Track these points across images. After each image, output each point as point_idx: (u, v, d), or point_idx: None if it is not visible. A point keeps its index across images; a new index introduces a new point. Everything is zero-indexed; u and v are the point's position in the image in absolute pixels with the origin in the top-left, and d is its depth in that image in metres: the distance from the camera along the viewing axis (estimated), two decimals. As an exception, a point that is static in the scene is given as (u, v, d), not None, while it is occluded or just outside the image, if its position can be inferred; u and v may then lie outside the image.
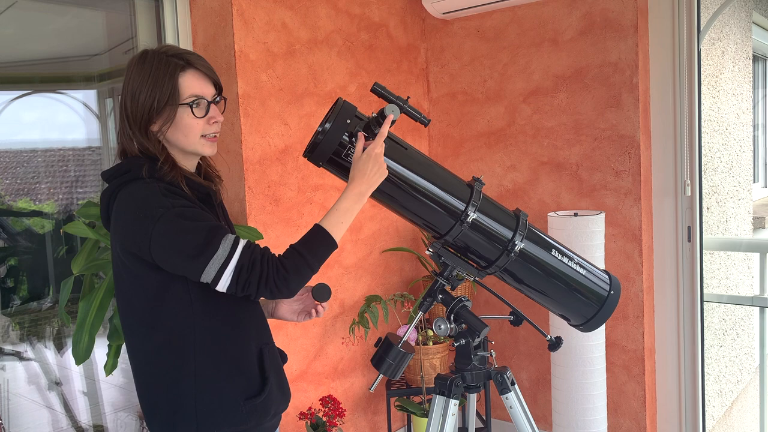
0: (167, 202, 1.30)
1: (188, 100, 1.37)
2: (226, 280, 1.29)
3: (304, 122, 2.76)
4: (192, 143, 1.40)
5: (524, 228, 1.55)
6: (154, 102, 1.35)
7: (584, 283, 1.61)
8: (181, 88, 1.36)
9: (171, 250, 1.29)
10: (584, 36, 2.82)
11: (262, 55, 2.59)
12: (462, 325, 1.55)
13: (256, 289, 1.30)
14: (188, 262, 1.29)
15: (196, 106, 1.37)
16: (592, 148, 2.84)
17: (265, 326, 1.50)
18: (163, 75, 1.35)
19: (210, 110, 1.40)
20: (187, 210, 1.32)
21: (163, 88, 1.35)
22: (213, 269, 1.29)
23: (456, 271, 1.57)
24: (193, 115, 1.37)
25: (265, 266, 1.30)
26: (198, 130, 1.39)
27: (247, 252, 1.31)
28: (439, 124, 3.34)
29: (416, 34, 3.29)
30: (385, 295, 3.09)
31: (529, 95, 3.01)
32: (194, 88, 1.37)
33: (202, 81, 1.39)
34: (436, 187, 1.48)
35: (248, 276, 1.29)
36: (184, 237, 1.29)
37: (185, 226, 1.29)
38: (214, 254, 1.28)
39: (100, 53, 3.55)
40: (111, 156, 3.85)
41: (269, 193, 2.64)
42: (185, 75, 1.37)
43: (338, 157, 1.42)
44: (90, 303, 2.01)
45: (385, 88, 1.42)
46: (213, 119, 1.40)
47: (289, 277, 1.31)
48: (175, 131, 1.38)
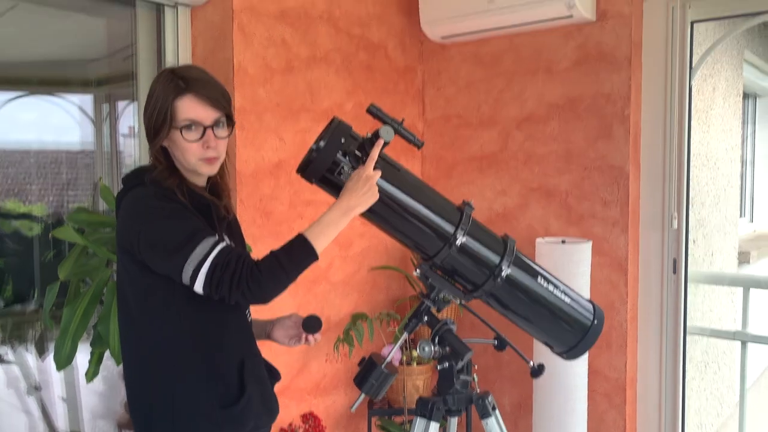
0: (157, 204, 1.37)
1: (182, 123, 1.40)
2: (201, 279, 1.32)
3: (299, 138, 2.77)
4: (189, 163, 1.44)
5: (512, 254, 1.56)
6: (152, 120, 1.43)
7: (568, 312, 1.62)
8: (177, 111, 1.40)
9: (155, 247, 1.36)
10: (579, 67, 2.86)
11: (261, 70, 2.61)
12: (446, 348, 1.55)
13: (229, 290, 1.31)
14: (169, 260, 1.34)
15: (187, 130, 1.40)
16: (582, 177, 2.87)
17: (250, 338, 1.52)
18: (164, 96, 1.41)
19: (205, 135, 1.42)
20: (175, 212, 1.37)
21: (162, 110, 1.41)
22: (190, 267, 1.32)
23: (443, 293, 1.58)
24: (183, 138, 1.41)
25: (239, 267, 1.32)
26: (194, 152, 1.42)
27: (223, 253, 1.34)
28: (433, 145, 3.36)
29: (414, 56, 3.33)
30: (371, 313, 3.09)
31: (522, 122, 3.03)
32: (189, 112, 1.40)
33: (198, 106, 1.41)
34: (426, 209, 1.49)
35: (221, 275, 1.31)
36: (167, 235, 1.35)
37: (170, 225, 1.35)
38: (192, 252, 1.32)
39: (98, 58, 3.56)
40: (104, 160, 3.84)
41: (261, 206, 2.64)
42: (182, 99, 1.40)
43: (331, 175, 1.43)
44: (75, 309, 2.00)
45: (380, 109, 1.43)
46: (206, 144, 1.42)
47: (263, 279, 1.32)
48: (176, 149, 1.45)
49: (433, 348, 1.55)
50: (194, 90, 1.41)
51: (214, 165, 1.46)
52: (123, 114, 3.73)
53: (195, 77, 1.44)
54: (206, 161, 1.44)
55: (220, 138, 1.45)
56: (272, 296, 1.35)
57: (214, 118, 1.43)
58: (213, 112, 1.43)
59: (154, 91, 1.43)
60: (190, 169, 1.46)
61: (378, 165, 1.42)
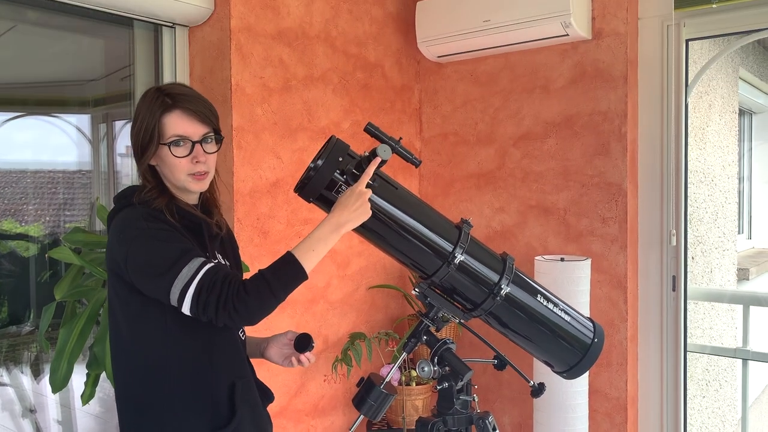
0: (145, 225, 1.36)
1: (169, 139, 1.40)
2: (188, 300, 1.31)
3: (296, 156, 2.78)
4: (179, 180, 1.44)
5: (511, 272, 1.55)
6: (139, 138, 1.43)
7: (569, 330, 1.61)
8: (164, 127, 1.40)
9: (142, 269, 1.35)
10: (575, 84, 2.87)
11: (258, 89, 2.62)
12: (446, 368, 1.54)
13: (215, 311, 1.30)
14: (156, 281, 1.33)
15: (174, 146, 1.40)
16: (580, 194, 2.87)
17: (241, 360, 1.50)
18: (151, 113, 1.41)
19: (194, 150, 1.42)
20: (161, 232, 1.36)
21: (149, 127, 1.41)
22: (177, 289, 1.31)
23: (441, 312, 1.57)
24: (172, 155, 1.41)
25: (225, 288, 1.31)
26: (182, 168, 1.42)
27: (209, 273, 1.32)
28: (430, 163, 3.37)
29: (411, 75, 3.35)
30: (369, 333, 3.07)
31: (520, 139, 3.05)
32: (177, 128, 1.41)
33: (186, 121, 1.41)
34: (424, 227, 1.49)
35: (207, 296, 1.30)
36: (154, 256, 1.34)
37: (157, 246, 1.34)
38: (179, 274, 1.31)
39: (96, 79, 3.57)
40: (101, 181, 3.84)
41: (258, 225, 2.64)
42: (170, 115, 1.41)
43: (328, 194, 1.43)
44: (71, 330, 1.99)
45: (378, 128, 1.44)
46: (196, 159, 1.42)
47: (249, 301, 1.30)
48: (164, 167, 1.45)
49: (432, 368, 1.54)
50: (181, 105, 1.41)
51: (204, 181, 1.46)
52: (120, 134, 3.74)
53: (181, 93, 1.44)
54: (196, 177, 1.44)
55: (209, 153, 1.45)
56: (259, 318, 1.34)
57: (203, 133, 1.43)
58: (201, 127, 1.43)
59: (141, 110, 1.44)
60: (179, 186, 1.45)
61: (376, 183, 1.42)
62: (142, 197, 1.42)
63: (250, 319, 1.33)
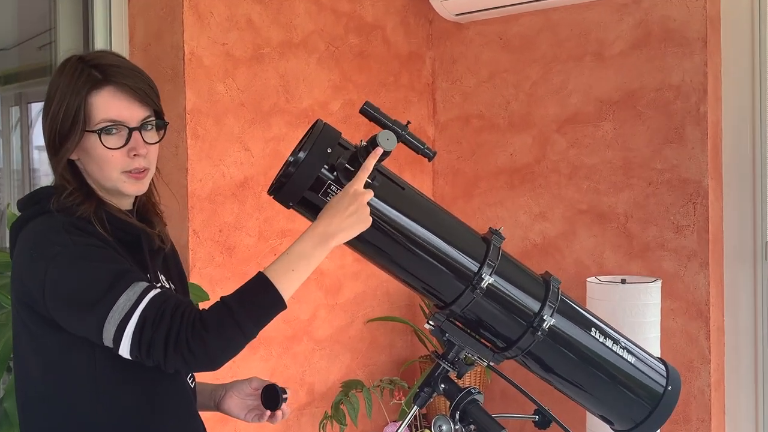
0: (66, 239, 1.33)
1: (98, 125, 1.38)
2: (127, 340, 1.27)
3: (270, 148, 2.78)
4: (109, 178, 1.41)
5: (555, 298, 1.55)
6: (58, 123, 1.39)
7: (633, 375, 1.61)
8: (91, 109, 1.38)
9: (66, 299, 1.32)
10: (638, 50, 2.87)
11: (220, 59, 2.63)
12: (470, 427, 1.54)
13: (164, 354, 1.27)
14: (85, 315, 1.30)
15: (106, 134, 1.38)
16: (646, 195, 2.87)
17: (190, 415, 1.49)
18: (72, 91, 1.38)
19: (131, 140, 1.40)
20: (91, 249, 1.33)
21: (70, 109, 1.38)
22: (112, 324, 1.27)
23: (464, 352, 1.56)
24: (103, 145, 1.38)
25: (176, 322, 1.27)
26: (115, 163, 1.40)
27: (156, 302, 1.29)
28: (447, 156, 3.36)
29: (421, 39, 3.35)
30: (368, 381, 3.06)
31: (565, 123, 3.04)
32: (109, 110, 1.38)
33: (122, 101, 1.39)
34: (440, 239, 1.49)
35: (152, 334, 1.26)
36: (82, 282, 1.31)
37: (85, 268, 1.31)
38: (114, 304, 1.27)
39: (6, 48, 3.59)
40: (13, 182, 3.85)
41: (221, 239, 2.64)
42: (99, 93, 1.38)
43: (314, 197, 1.43)
44: (-27, 379, 1.98)
45: (378, 109, 1.44)
46: (134, 151, 1.40)
47: (209, 338, 1.27)
48: (89, 162, 1.42)
49: (453, 426, 1.53)
50: (115, 80, 1.39)
51: (143, 180, 1.44)
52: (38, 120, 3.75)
53: (114, 64, 1.41)
54: (132, 175, 1.41)
55: (150, 144, 1.43)
56: (222, 361, 1.31)
57: (142, 117, 1.41)
58: (140, 110, 1.41)
59: (58, 86, 1.41)
60: (109, 188, 1.43)
61: (376, 182, 1.42)
62: (62, 202, 1.39)
63: (211, 362, 1.30)
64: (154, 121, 1.44)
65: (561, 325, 1.56)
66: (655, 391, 1.63)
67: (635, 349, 1.64)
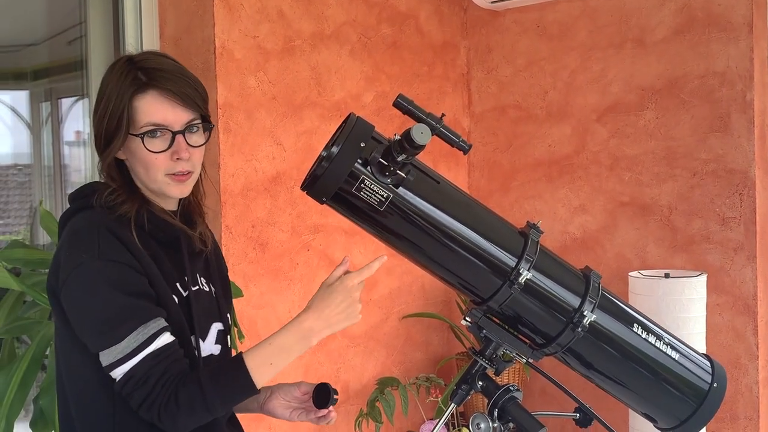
0: (94, 248, 1.39)
1: (142, 129, 1.42)
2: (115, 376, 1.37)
3: (303, 142, 2.80)
4: (153, 180, 1.46)
5: (596, 293, 1.55)
6: (104, 124, 1.44)
7: (677, 372, 1.60)
8: (135, 113, 1.43)
9: (76, 310, 1.40)
10: (680, 36, 2.85)
11: (251, 52, 2.65)
12: (509, 425, 1.54)
13: (138, 407, 1.37)
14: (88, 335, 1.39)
15: (149, 138, 1.42)
16: (690, 186, 2.85)
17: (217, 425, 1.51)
18: (120, 93, 1.42)
19: (175, 143, 1.43)
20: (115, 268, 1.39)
21: (116, 111, 1.42)
22: (108, 359, 1.37)
23: (502, 349, 1.57)
24: (146, 149, 1.43)
25: (156, 391, 1.36)
26: (159, 166, 1.44)
27: (147, 363, 1.36)
28: (483, 148, 3.36)
29: (455, 28, 3.35)
30: (404, 378, 3.08)
31: (605, 113, 3.03)
32: (153, 114, 1.43)
33: (165, 106, 1.43)
34: (476, 234, 1.49)
35: (133, 390, 1.36)
36: (93, 304, 1.38)
37: (100, 293, 1.38)
38: (114, 345, 1.36)
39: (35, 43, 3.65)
40: (44, 178, 3.92)
41: (254, 235, 2.66)
42: (143, 97, 1.43)
43: (347, 192, 1.44)
44: (9, 376, 2.03)
45: (412, 101, 1.44)
46: (177, 155, 1.44)
47: (178, 415, 1.36)
48: (136, 163, 1.47)
49: (491, 425, 1.54)
50: (159, 84, 1.43)
51: (187, 183, 1.48)
52: (69, 115, 3.82)
53: (159, 67, 1.45)
54: (176, 178, 1.45)
55: (195, 146, 1.47)
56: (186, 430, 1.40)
57: (186, 120, 1.45)
58: (184, 113, 1.45)
59: (107, 86, 1.45)
60: (154, 189, 1.48)
61: (411, 176, 1.43)
62: (105, 200, 1.45)
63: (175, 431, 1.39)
64: (200, 124, 1.48)
65: (602, 321, 1.55)
66: (700, 388, 1.62)
67: (679, 346, 1.64)
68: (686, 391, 1.61)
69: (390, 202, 1.41)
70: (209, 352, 1.54)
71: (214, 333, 1.56)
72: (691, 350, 1.66)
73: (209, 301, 1.57)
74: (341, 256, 2.80)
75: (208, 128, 1.50)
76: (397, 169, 1.40)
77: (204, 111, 1.48)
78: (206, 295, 1.56)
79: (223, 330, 1.59)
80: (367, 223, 1.46)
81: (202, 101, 1.48)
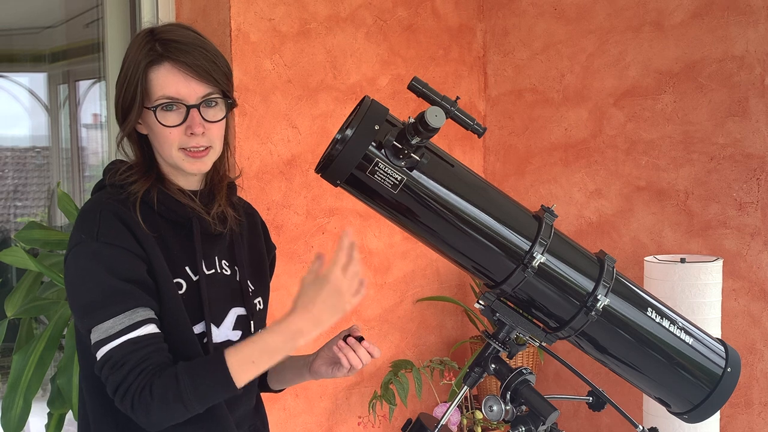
0: (93, 229, 1.38)
1: (156, 102, 1.40)
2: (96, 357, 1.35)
3: (318, 125, 2.80)
4: (169, 155, 1.44)
5: (610, 277, 1.55)
6: (121, 96, 1.43)
7: (691, 356, 1.60)
8: (150, 85, 1.40)
9: (69, 288, 1.41)
10: (699, 19, 2.83)
11: (267, 35, 2.65)
12: (522, 407, 1.55)
13: (113, 395, 1.33)
14: (77, 313, 1.39)
15: (163, 111, 1.40)
16: (707, 171, 2.83)
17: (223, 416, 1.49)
18: (135, 65, 1.41)
19: (189, 117, 1.41)
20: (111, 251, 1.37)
21: (131, 82, 1.41)
22: (94, 338, 1.35)
23: (515, 332, 1.57)
24: (159, 123, 1.41)
25: (131, 378, 1.32)
26: (173, 140, 1.42)
27: (126, 347, 1.33)
28: (499, 131, 3.35)
29: (471, 11, 3.33)
30: (418, 361, 3.09)
31: (623, 96, 3.01)
32: (167, 87, 1.40)
33: (178, 78, 1.40)
34: (491, 217, 1.49)
35: (108, 374, 1.33)
36: (85, 284, 1.37)
37: (93, 272, 1.37)
38: (99, 324, 1.34)
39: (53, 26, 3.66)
40: (62, 160, 3.95)
41: (268, 217, 2.67)
42: (158, 69, 1.40)
43: (362, 175, 1.44)
44: (27, 356, 2.06)
45: (427, 84, 1.44)
46: (190, 129, 1.41)
47: (151, 406, 1.31)
48: (154, 138, 1.45)
49: (504, 407, 1.54)
50: (173, 56, 1.40)
51: (204, 160, 1.45)
52: (86, 97, 3.83)
53: (176, 39, 1.42)
54: (190, 154, 1.43)
55: (212, 121, 1.44)
56: (161, 427, 1.34)
57: (202, 94, 1.42)
58: (199, 86, 1.42)
59: (128, 57, 1.43)
60: (171, 164, 1.46)
61: (425, 159, 1.43)
62: (119, 178, 1.44)
63: (150, 426, 1.34)
64: (218, 99, 1.45)
65: (616, 305, 1.56)
66: (714, 372, 1.62)
67: (694, 330, 1.63)
68: (700, 376, 1.61)
69: (404, 185, 1.41)
70: (225, 338, 1.51)
71: (232, 318, 1.53)
72: (706, 335, 1.66)
73: (229, 285, 1.54)
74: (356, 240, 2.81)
75: (228, 104, 1.47)
76: (411, 152, 1.40)
77: (224, 86, 1.45)
78: (225, 278, 1.53)
79: (245, 315, 1.55)
80: (381, 206, 1.46)
81: (222, 75, 1.45)
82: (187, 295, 1.45)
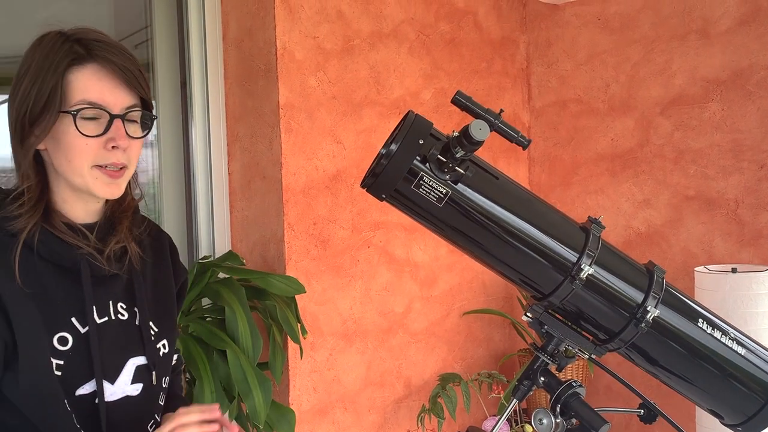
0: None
1: (76, 106, 1.20)
2: None
3: (362, 140, 2.82)
4: (78, 173, 1.22)
5: (660, 288, 1.53)
6: (29, 104, 1.21)
7: (744, 368, 1.57)
8: (69, 88, 1.20)
9: None
10: (746, 26, 2.80)
11: (311, 53, 2.68)
12: (572, 421, 1.53)
13: None
14: None
15: (83, 119, 1.20)
16: (758, 179, 2.79)
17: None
18: (49, 66, 1.20)
19: (111, 128, 1.21)
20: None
21: (44, 86, 1.20)
22: None
23: (564, 345, 1.56)
24: (77, 131, 1.20)
25: None
26: (88, 154, 1.21)
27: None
28: (544, 143, 3.34)
29: (514, 23, 3.33)
30: (466, 374, 3.08)
31: (669, 105, 2.99)
32: (89, 91, 1.21)
33: (104, 83, 1.21)
34: (537, 230, 1.49)
35: None
36: None
37: None
38: None
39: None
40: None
41: (315, 232, 2.69)
42: (80, 70, 1.21)
43: (407, 189, 1.45)
44: None
45: (470, 98, 1.44)
46: (113, 142, 1.21)
47: None
48: (58, 153, 1.23)
49: (554, 420, 1.53)
50: (100, 57, 1.21)
51: (118, 181, 1.24)
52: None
53: (98, 39, 1.24)
54: (107, 172, 1.23)
55: (134, 137, 1.25)
56: None
57: (127, 104, 1.23)
58: (126, 96, 1.23)
59: (31, 62, 1.22)
60: (78, 185, 1.24)
61: (469, 172, 1.43)
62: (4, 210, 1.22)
63: None
64: (140, 112, 1.26)
65: (666, 317, 1.54)
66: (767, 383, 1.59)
67: (746, 341, 1.61)
68: (753, 387, 1.58)
69: (449, 198, 1.41)
70: (123, 394, 1.29)
71: (130, 370, 1.31)
72: (759, 346, 1.63)
73: (126, 332, 1.31)
74: (401, 253, 2.82)
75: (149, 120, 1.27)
76: (455, 166, 1.40)
77: (146, 96, 1.27)
78: (120, 324, 1.30)
79: (145, 364, 1.32)
80: (426, 220, 1.47)
81: (146, 85, 1.27)
82: (74, 350, 1.22)
